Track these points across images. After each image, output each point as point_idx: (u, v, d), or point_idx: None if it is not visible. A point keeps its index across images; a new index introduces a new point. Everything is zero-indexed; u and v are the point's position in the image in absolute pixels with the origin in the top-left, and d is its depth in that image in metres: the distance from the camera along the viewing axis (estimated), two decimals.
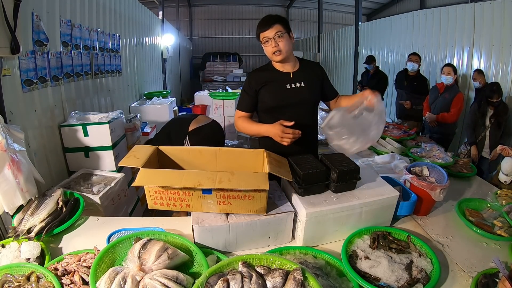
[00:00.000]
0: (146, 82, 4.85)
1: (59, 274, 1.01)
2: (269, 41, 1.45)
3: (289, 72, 1.55)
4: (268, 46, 1.47)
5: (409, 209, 1.38)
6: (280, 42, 1.44)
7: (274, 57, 1.49)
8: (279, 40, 1.44)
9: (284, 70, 1.55)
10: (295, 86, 1.54)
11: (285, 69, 1.55)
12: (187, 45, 11.11)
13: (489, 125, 2.87)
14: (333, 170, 1.26)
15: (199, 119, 2.28)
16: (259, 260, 0.96)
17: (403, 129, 2.87)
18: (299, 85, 1.54)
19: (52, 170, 2.04)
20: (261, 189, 1.11)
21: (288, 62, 1.54)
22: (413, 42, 4.94)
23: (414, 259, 1.10)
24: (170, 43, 6.38)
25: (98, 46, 2.86)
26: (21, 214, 1.34)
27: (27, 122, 1.82)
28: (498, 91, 2.80)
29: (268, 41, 1.45)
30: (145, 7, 4.75)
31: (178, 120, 2.46)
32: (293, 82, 1.54)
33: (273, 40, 1.44)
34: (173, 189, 1.15)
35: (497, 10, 3.52)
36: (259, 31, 1.47)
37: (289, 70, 1.55)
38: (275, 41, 1.44)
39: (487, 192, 1.59)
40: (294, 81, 1.54)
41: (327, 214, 1.18)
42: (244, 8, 12.48)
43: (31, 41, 1.87)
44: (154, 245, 0.98)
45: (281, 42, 1.44)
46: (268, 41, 1.45)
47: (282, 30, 1.44)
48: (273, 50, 1.45)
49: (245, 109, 1.59)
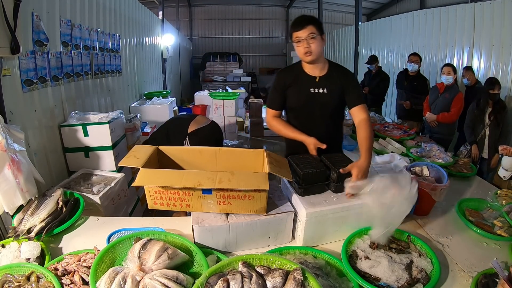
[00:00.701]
0: (146, 82, 4.84)
1: (59, 274, 1.01)
2: (301, 41, 1.46)
3: (316, 76, 1.56)
4: (300, 46, 1.47)
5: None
6: (312, 44, 1.45)
7: (305, 57, 1.50)
8: (312, 42, 1.45)
9: (312, 73, 1.56)
10: (318, 91, 1.55)
11: (313, 72, 1.56)
12: (187, 45, 11.10)
13: (488, 123, 2.87)
14: (333, 170, 1.26)
15: (198, 120, 2.27)
16: (259, 260, 0.96)
17: (403, 129, 2.88)
18: (322, 91, 1.55)
19: (52, 170, 2.04)
20: (261, 189, 1.11)
21: (317, 64, 1.55)
22: (413, 42, 4.94)
23: (414, 259, 1.10)
24: (170, 43, 6.37)
25: (98, 46, 2.86)
26: (21, 214, 1.34)
27: (27, 122, 1.82)
28: (497, 82, 2.81)
29: (300, 41, 1.46)
30: (145, 7, 4.74)
31: (177, 121, 2.45)
32: (317, 87, 1.55)
33: (305, 41, 1.45)
34: (173, 189, 1.15)
35: (497, 10, 3.52)
36: (293, 30, 1.48)
37: (316, 74, 1.56)
38: (307, 41, 1.45)
39: (487, 192, 1.59)
40: (318, 87, 1.55)
41: (327, 214, 1.18)
42: (244, 8, 12.47)
43: (31, 41, 1.87)
44: (154, 245, 0.98)
45: (313, 44, 1.45)
46: (301, 41, 1.46)
47: (315, 31, 1.45)
48: (305, 50, 1.46)
49: (277, 108, 1.63)
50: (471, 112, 3.00)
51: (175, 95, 6.35)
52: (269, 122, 1.66)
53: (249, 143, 3.69)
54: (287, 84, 1.58)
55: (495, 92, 2.79)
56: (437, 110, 3.28)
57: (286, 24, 13.05)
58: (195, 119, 2.29)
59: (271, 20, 12.96)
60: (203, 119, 2.32)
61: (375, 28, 6.20)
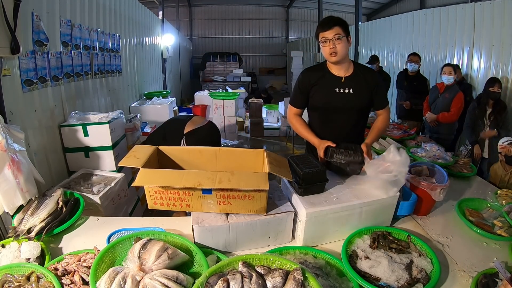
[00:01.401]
0: (146, 82, 4.85)
1: (59, 274, 1.01)
2: (328, 41, 1.47)
3: (341, 76, 1.57)
4: (326, 47, 1.49)
5: (409, 209, 1.38)
6: (338, 45, 1.46)
7: (330, 57, 1.51)
8: (337, 43, 1.46)
9: (337, 74, 1.57)
10: (343, 91, 1.56)
11: (338, 73, 1.57)
12: (187, 45, 11.11)
13: (488, 123, 2.87)
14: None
15: (195, 121, 2.26)
16: (259, 260, 0.96)
17: (403, 129, 2.87)
18: (348, 91, 1.56)
19: (52, 170, 2.04)
20: (261, 189, 1.10)
21: (343, 64, 1.56)
22: (413, 42, 4.94)
23: (414, 259, 1.10)
24: (170, 43, 6.38)
25: (98, 46, 2.86)
26: (21, 214, 1.34)
27: (27, 122, 1.82)
28: (498, 81, 2.82)
29: (326, 41, 1.47)
30: (145, 7, 4.75)
31: (173, 122, 2.44)
32: (342, 87, 1.56)
33: (331, 42, 1.46)
34: (173, 189, 1.15)
35: (497, 10, 3.51)
36: (319, 30, 1.50)
37: (341, 74, 1.57)
38: (333, 42, 1.46)
39: (487, 192, 1.59)
40: (344, 86, 1.56)
41: (327, 214, 1.18)
42: (244, 8, 12.48)
43: (31, 41, 1.87)
44: (154, 245, 0.98)
45: (339, 45, 1.46)
46: (327, 42, 1.47)
47: (341, 33, 1.46)
48: (331, 51, 1.48)
49: (299, 106, 1.67)
50: (471, 111, 2.99)
51: (175, 95, 6.36)
52: (290, 119, 1.71)
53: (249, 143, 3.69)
54: (312, 83, 1.59)
55: (495, 90, 2.78)
56: (437, 110, 3.28)
57: (286, 24, 13.06)
58: (192, 119, 2.27)
59: (271, 20, 12.96)
60: (200, 120, 2.31)
61: (375, 28, 6.20)
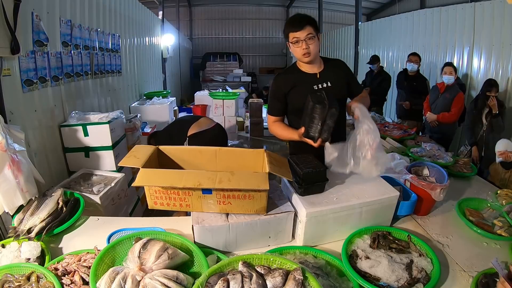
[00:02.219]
0: (146, 82, 4.84)
1: (59, 274, 1.01)
2: (300, 42, 1.44)
3: (316, 72, 1.55)
4: (298, 47, 1.46)
5: (409, 209, 1.38)
6: (311, 45, 1.44)
7: (303, 58, 1.48)
8: (310, 42, 1.43)
9: (311, 71, 1.56)
10: (322, 86, 1.54)
11: (312, 70, 1.56)
12: (187, 45, 11.10)
13: (486, 124, 2.87)
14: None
15: (201, 123, 2.19)
16: (259, 260, 0.96)
17: (403, 129, 2.87)
18: (326, 85, 1.54)
19: (52, 170, 2.04)
20: (261, 189, 1.10)
21: (315, 63, 1.55)
22: (413, 42, 4.94)
23: (414, 259, 1.10)
24: (170, 43, 6.38)
25: (98, 46, 2.86)
26: (21, 214, 1.34)
27: (27, 122, 1.82)
28: (496, 85, 2.83)
29: (298, 41, 1.44)
30: (145, 7, 4.75)
31: (180, 123, 2.40)
32: (319, 83, 1.54)
33: (304, 42, 1.43)
34: (173, 189, 1.15)
35: (497, 10, 3.51)
36: (290, 30, 1.45)
37: (315, 71, 1.56)
38: (306, 43, 1.43)
39: (487, 192, 1.59)
40: (321, 82, 1.55)
41: (327, 214, 1.18)
42: (244, 8, 12.47)
43: (31, 41, 1.87)
44: (154, 245, 0.98)
45: (312, 45, 1.44)
46: (299, 42, 1.44)
47: (313, 32, 1.43)
48: (303, 52, 1.45)
49: (277, 114, 1.62)
50: (470, 113, 3.00)
51: (175, 95, 6.35)
52: (270, 128, 1.65)
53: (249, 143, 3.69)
54: (287, 89, 1.56)
55: (491, 94, 2.79)
56: (437, 110, 3.28)
57: None
58: (198, 121, 2.22)
59: (271, 20, 12.95)
60: (206, 122, 2.24)
61: (375, 28, 6.20)
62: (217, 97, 4.55)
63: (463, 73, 4.02)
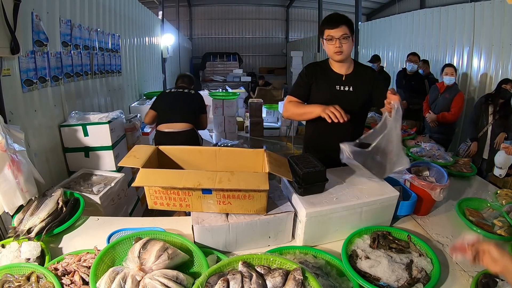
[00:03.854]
0: (146, 82, 4.85)
1: (59, 274, 1.00)
2: (333, 40, 1.45)
3: (343, 74, 1.56)
4: (331, 45, 1.46)
5: (409, 209, 1.38)
6: (344, 44, 1.45)
7: (335, 56, 1.49)
8: (344, 42, 1.44)
9: (338, 71, 1.56)
10: (344, 89, 1.55)
11: (340, 71, 1.56)
12: (187, 45, 11.11)
13: (492, 122, 2.85)
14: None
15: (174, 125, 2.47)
16: (259, 260, 0.96)
17: (403, 128, 2.87)
18: (348, 89, 1.55)
19: (52, 170, 2.04)
20: (261, 189, 1.10)
21: (345, 63, 1.55)
22: (413, 42, 4.94)
23: (414, 259, 1.10)
24: (170, 43, 6.38)
25: (98, 46, 2.86)
26: (21, 214, 1.34)
27: (27, 122, 1.82)
28: (510, 81, 2.79)
29: (332, 39, 1.45)
30: (145, 7, 4.75)
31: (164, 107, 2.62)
32: (342, 85, 1.55)
33: (338, 41, 1.44)
34: (173, 189, 1.15)
35: (497, 10, 3.52)
36: (326, 27, 1.46)
37: (342, 72, 1.56)
38: (339, 41, 1.44)
39: (487, 192, 1.59)
40: (344, 84, 1.55)
41: (327, 214, 1.18)
42: (244, 8, 12.48)
43: (31, 41, 1.87)
44: (154, 245, 0.98)
45: (345, 45, 1.45)
46: (333, 40, 1.45)
47: (348, 32, 1.44)
48: (336, 50, 1.46)
49: (298, 96, 1.61)
50: (478, 107, 2.95)
51: None
52: (285, 106, 1.63)
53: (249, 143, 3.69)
54: (315, 77, 1.57)
55: (507, 87, 2.75)
56: (437, 110, 3.28)
57: (286, 24, 13.06)
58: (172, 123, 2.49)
59: (271, 20, 12.96)
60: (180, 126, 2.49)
61: (375, 28, 6.20)
62: (217, 97, 4.55)
63: (463, 73, 4.03)
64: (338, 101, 1.52)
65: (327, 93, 1.56)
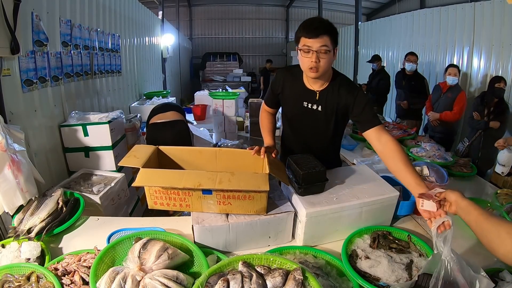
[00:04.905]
0: (146, 82, 4.85)
1: (59, 274, 1.01)
2: (310, 52, 1.20)
3: (316, 91, 1.35)
4: (306, 58, 1.22)
5: (409, 209, 1.38)
6: (322, 59, 1.20)
7: (308, 72, 1.25)
8: (322, 57, 1.20)
9: (311, 87, 1.36)
10: (312, 107, 1.37)
11: (313, 86, 1.36)
12: (187, 45, 11.10)
13: (486, 120, 2.86)
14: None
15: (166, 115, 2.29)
16: (259, 260, 0.96)
17: (403, 128, 2.88)
18: (315, 108, 1.37)
19: (52, 170, 2.04)
20: (261, 190, 1.10)
21: (321, 79, 1.33)
22: (413, 41, 4.94)
23: (414, 259, 1.10)
24: (170, 43, 6.38)
25: (98, 46, 2.86)
26: (21, 214, 1.34)
27: (27, 122, 1.82)
28: (503, 78, 2.80)
29: (309, 51, 1.20)
30: (145, 7, 4.75)
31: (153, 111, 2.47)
32: (311, 103, 1.36)
33: (315, 54, 1.19)
34: (173, 189, 1.15)
35: (497, 10, 3.52)
36: (302, 35, 1.21)
37: (316, 88, 1.35)
38: (317, 55, 1.19)
39: (487, 192, 1.59)
40: (314, 102, 1.36)
41: (327, 214, 1.18)
42: (244, 8, 12.48)
43: (31, 41, 1.87)
44: (154, 245, 0.98)
45: (324, 60, 1.20)
46: (309, 52, 1.20)
47: (329, 45, 1.19)
48: (311, 65, 1.21)
49: (269, 105, 1.56)
50: (475, 107, 2.97)
51: (175, 95, 6.35)
52: (260, 114, 1.62)
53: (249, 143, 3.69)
54: (282, 87, 1.45)
55: (501, 86, 2.75)
56: (439, 109, 3.30)
57: (286, 24, 13.06)
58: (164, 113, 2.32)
59: (271, 20, 12.96)
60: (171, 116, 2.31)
61: (375, 28, 6.20)
62: (217, 97, 4.55)
63: (463, 73, 4.03)
64: (305, 118, 1.42)
65: (294, 108, 1.42)
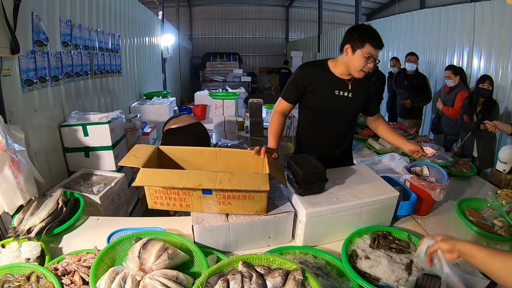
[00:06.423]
0: (146, 82, 4.85)
1: (59, 274, 1.01)
2: (371, 59, 1.42)
3: (345, 79, 1.52)
4: (366, 63, 1.42)
5: (409, 209, 1.38)
6: (370, 66, 1.44)
7: (358, 73, 1.46)
8: (371, 64, 1.44)
9: (342, 77, 1.53)
10: (343, 94, 1.52)
11: (343, 76, 1.53)
12: (187, 45, 11.11)
13: (476, 121, 2.85)
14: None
15: (180, 119, 2.23)
16: (259, 260, 0.96)
17: (403, 129, 2.88)
18: (347, 95, 1.53)
19: (52, 170, 2.04)
20: (262, 190, 1.10)
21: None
22: (413, 42, 4.94)
23: (414, 259, 1.10)
24: (170, 43, 6.38)
25: (98, 46, 2.86)
26: (21, 214, 1.34)
27: (27, 122, 1.82)
28: (488, 78, 2.79)
29: (370, 58, 1.41)
30: (145, 7, 4.75)
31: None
32: (343, 90, 1.52)
33: (372, 62, 1.42)
34: (173, 189, 1.15)
35: (497, 10, 3.51)
36: (371, 43, 1.40)
37: (347, 78, 1.53)
38: (372, 62, 1.42)
39: (487, 192, 1.59)
40: (346, 90, 1.52)
41: (327, 214, 1.18)
42: (244, 8, 12.49)
43: (31, 41, 1.87)
44: (154, 245, 0.98)
45: (372, 66, 1.45)
46: (370, 59, 1.41)
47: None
48: (366, 70, 1.45)
49: (290, 100, 1.56)
50: (465, 108, 2.98)
51: (175, 95, 6.36)
52: (273, 113, 1.59)
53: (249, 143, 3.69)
54: (310, 80, 1.51)
55: (484, 87, 2.75)
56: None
57: (286, 24, 13.06)
58: (178, 117, 2.26)
59: (271, 20, 12.97)
60: (186, 118, 2.25)
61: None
62: (217, 97, 4.55)
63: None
64: (335, 106, 1.53)
65: (325, 97, 1.52)
